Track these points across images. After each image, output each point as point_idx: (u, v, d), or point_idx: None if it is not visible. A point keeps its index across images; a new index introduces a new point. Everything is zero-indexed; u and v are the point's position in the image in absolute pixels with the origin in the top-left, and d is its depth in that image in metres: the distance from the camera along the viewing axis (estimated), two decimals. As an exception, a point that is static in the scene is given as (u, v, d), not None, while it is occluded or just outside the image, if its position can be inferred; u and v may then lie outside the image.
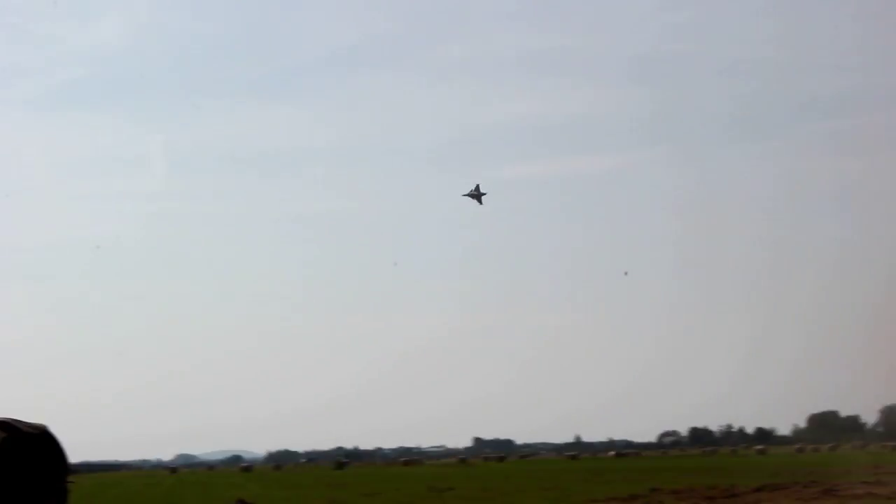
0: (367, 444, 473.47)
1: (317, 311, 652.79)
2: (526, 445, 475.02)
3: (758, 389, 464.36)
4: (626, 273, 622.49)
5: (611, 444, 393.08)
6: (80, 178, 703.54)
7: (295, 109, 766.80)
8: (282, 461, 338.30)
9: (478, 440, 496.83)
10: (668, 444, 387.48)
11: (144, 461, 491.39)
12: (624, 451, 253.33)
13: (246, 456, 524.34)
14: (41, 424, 3.26)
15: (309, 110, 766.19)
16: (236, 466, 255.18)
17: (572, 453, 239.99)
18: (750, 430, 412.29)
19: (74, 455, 3.24)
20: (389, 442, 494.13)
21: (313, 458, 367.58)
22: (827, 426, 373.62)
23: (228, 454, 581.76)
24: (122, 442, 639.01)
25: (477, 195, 72.69)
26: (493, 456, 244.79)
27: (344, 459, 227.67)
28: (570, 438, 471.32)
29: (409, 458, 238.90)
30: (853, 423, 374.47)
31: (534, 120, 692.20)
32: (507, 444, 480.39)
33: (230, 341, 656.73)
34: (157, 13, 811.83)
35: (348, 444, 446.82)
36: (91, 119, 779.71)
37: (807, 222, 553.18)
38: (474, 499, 52.13)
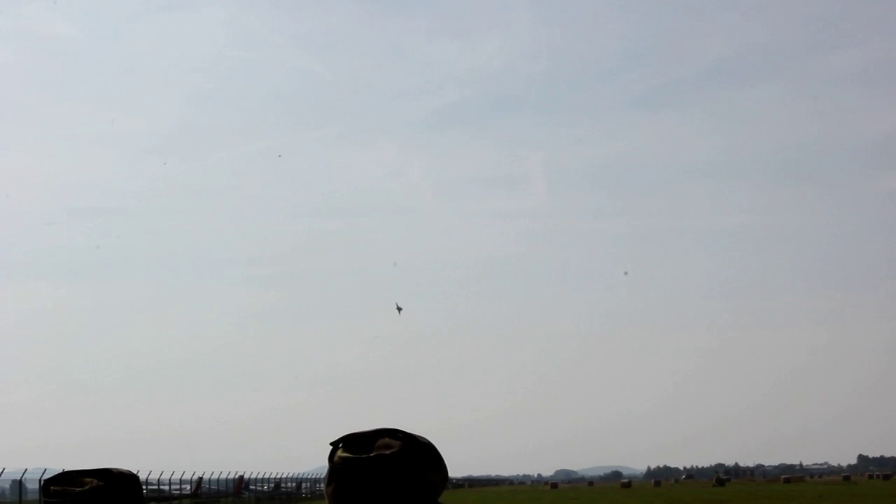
0: (747, 460, 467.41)
1: (695, 326, 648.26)
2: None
3: None
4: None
5: None
6: (463, 197, 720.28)
7: (679, 122, 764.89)
8: (661, 477, 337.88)
9: (862, 458, 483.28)
10: None
11: (526, 476, 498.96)
12: None
13: (625, 472, 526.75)
14: (427, 439, 3.53)
15: (693, 122, 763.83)
16: (616, 482, 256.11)
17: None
18: None
19: (458, 471, 3.71)
20: (771, 459, 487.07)
21: (693, 474, 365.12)
22: None
23: (608, 470, 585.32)
24: (504, 458, 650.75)
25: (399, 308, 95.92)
26: (878, 473, 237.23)
27: (724, 476, 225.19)
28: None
29: (790, 475, 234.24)
30: None
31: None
32: (894, 461, 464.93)
33: (609, 358, 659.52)
34: (536, 31, 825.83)
35: (728, 461, 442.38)
36: (473, 139, 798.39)
37: None
38: (857, 517, 51.03)
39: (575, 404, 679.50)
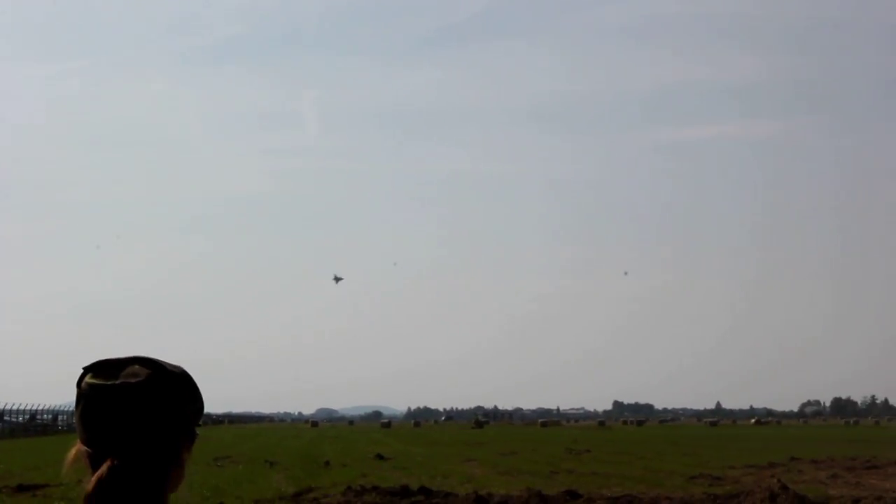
0: (506, 403, 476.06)
1: (459, 270, 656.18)
2: (666, 410, 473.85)
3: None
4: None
5: (751, 412, 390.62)
6: (233, 133, 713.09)
7: (443, 70, 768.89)
8: (421, 418, 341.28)
9: (617, 403, 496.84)
10: (810, 414, 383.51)
11: (286, 414, 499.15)
12: (764, 419, 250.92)
13: (386, 412, 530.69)
14: (180, 367, 3.40)
15: (468, 69, 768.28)
16: (376, 422, 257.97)
17: (712, 420, 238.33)
18: (895, 402, 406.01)
19: (217, 407, 3.41)
20: (529, 402, 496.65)
21: (452, 415, 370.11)
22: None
23: (369, 409, 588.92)
24: (265, 395, 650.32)
25: (337, 279, 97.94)
26: (633, 420, 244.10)
27: (483, 418, 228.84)
28: (710, 405, 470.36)
29: (547, 420, 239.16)
30: None
31: (702, 84, 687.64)
32: (647, 408, 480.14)
33: (371, 299, 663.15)
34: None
35: (488, 404, 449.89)
36: (246, 75, 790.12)
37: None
38: (611, 462, 52.07)
39: (336, 345, 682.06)
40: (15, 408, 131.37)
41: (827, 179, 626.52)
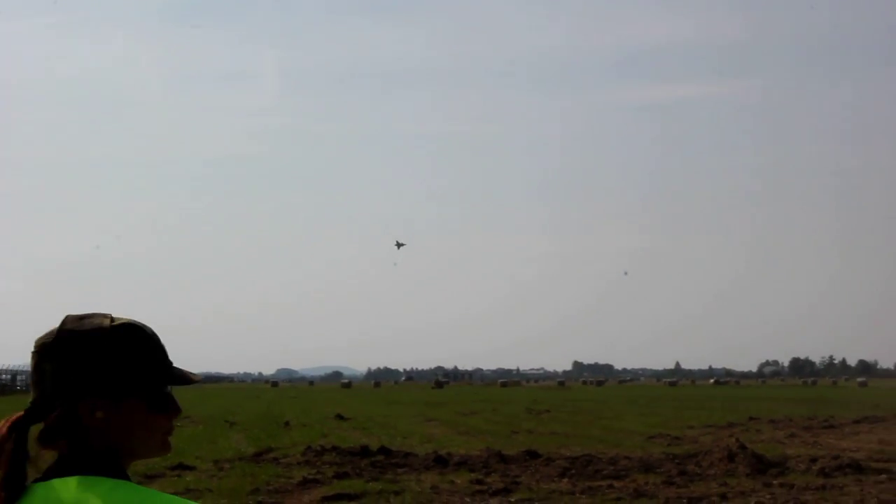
0: (466, 364, 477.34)
1: (423, 231, 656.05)
2: (625, 370, 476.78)
3: (860, 322, 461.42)
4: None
5: (710, 372, 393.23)
6: (194, 92, 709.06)
7: (408, 28, 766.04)
8: (381, 378, 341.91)
9: (577, 364, 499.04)
10: (768, 374, 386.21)
11: (247, 374, 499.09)
12: (723, 379, 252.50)
13: (346, 372, 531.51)
14: (137, 323, 3.28)
15: (424, 29, 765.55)
16: (336, 382, 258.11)
17: (671, 380, 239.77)
18: (852, 362, 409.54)
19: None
20: (489, 363, 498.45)
21: (412, 376, 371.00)
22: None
23: (329, 370, 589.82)
24: (225, 355, 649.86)
25: (399, 244, 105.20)
26: (592, 380, 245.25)
27: (443, 379, 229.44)
28: (670, 365, 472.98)
29: (507, 380, 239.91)
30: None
31: (688, 42, 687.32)
32: (607, 368, 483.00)
33: (333, 259, 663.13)
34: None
35: (448, 364, 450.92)
36: (206, 33, 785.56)
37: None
38: (570, 422, 52.23)
39: (295, 304, 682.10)
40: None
41: (811, 142, 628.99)
